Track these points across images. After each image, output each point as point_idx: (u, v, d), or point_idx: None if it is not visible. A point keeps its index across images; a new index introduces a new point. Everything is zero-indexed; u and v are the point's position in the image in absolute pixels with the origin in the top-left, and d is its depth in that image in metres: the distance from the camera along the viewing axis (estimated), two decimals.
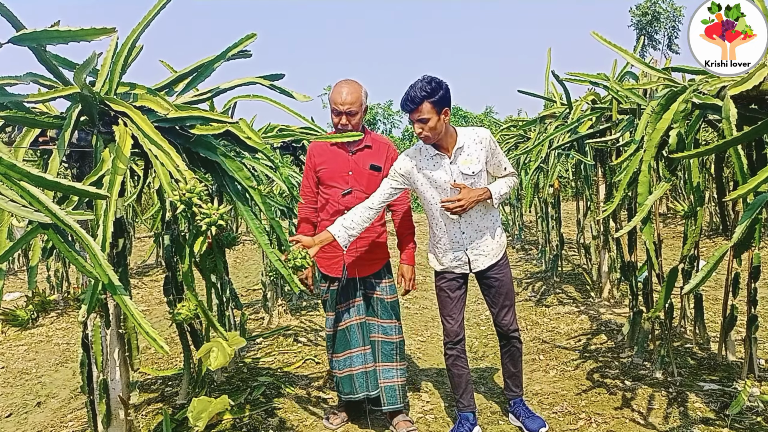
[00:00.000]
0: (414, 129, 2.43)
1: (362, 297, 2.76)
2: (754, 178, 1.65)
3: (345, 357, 2.76)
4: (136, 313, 1.51)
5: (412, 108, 2.35)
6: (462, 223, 2.53)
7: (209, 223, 1.76)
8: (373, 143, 2.71)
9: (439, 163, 2.50)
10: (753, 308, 2.61)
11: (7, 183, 1.23)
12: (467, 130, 2.53)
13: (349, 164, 2.67)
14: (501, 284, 2.62)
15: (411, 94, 2.34)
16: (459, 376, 2.68)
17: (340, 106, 2.54)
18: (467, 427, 2.67)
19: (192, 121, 1.89)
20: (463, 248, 2.56)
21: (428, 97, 2.31)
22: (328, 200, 2.70)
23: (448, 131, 2.47)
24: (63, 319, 5.37)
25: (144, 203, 9.88)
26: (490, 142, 2.52)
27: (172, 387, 3.46)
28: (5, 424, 3.25)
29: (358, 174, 2.66)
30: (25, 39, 1.46)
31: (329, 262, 2.75)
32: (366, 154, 2.68)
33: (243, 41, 2.05)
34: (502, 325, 2.68)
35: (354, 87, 2.58)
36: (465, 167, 2.48)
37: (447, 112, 2.39)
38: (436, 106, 2.34)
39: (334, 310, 2.78)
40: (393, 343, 2.76)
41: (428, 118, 2.34)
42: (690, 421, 2.59)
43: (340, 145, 2.66)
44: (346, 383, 2.76)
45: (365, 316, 2.76)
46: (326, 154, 2.69)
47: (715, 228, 7.61)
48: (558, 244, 5.91)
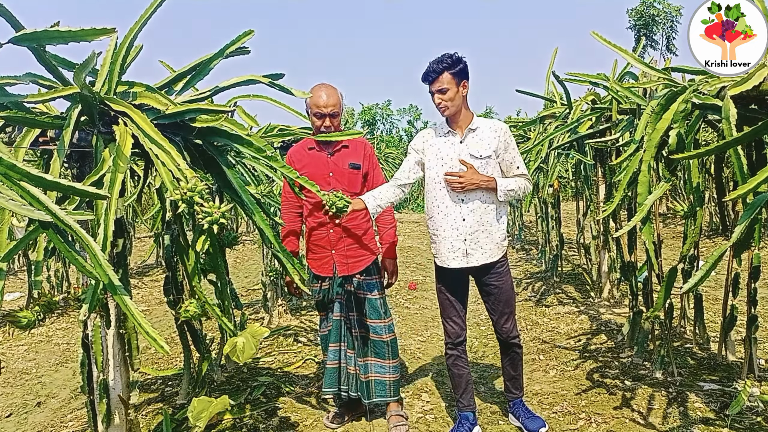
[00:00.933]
0: (434, 100, 2.51)
1: (347, 295, 2.78)
2: (753, 179, 1.65)
3: (333, 349, 2.83)
4: (137, 313, 1.51)
5: (433, 78, 2.44)
6: (464, 209, 2.50)
7: (211, 221, 1.76)
8: (350, 142, 2.76)
9: (450, 140, 2.55)
10: (753, 308, 2.61)
11: (7, 183, 1.23)
12: (486, 119, 2.60)
13: (329, 166, 2.72)
14: (500, 292, 2.60)
15: (432, 66, 2.44)
16: (459, 376, 2.68)
17: (323, 109, 2.62)
18: (467, 427, 2.67)
19: (191, 114, 1.89)
20: (462, 237, 2.52)
21: (449, 68, 2.41)
22: (312, 203, 2.74)
23: (465, 110, 2.53)
24: (63, 319, 5.37)
25: (144, 203, 9.88)
26: (506, 134, 2.55)
27: (172, 387, 3.46)
28: (5, 424, 3.25)
29: (338, 174, 2.71)
30: (25, 39, 1.46)
31: (319, 262, 2.79)
32: (344, 153, 2.74)
33: (241, 38, 2.05)
34: (501, 332, 2.67)
35: (332, 89, 2.67)
36: (474, 149, 2.51)
37: (465, 85, 2.48)
38: (455, 77, 2.43)
39: (325, 309, 2.84)
40: (384, 342, 2.78)
41: (447, 89, 2.43)
42: (690, 421, 2.59)
43: (319, 149, 2.75)
44: (327, 377, 2.84)
45: (354, 313, 2.78)
46: (305, 159, 2.76)
47: (714, 228, 7.62)
48: (558, 244, 5.92)
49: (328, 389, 2.85)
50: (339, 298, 2.79)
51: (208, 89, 2.13)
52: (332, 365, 2.84)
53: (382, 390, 2.79)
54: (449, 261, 2.57)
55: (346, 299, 2.79)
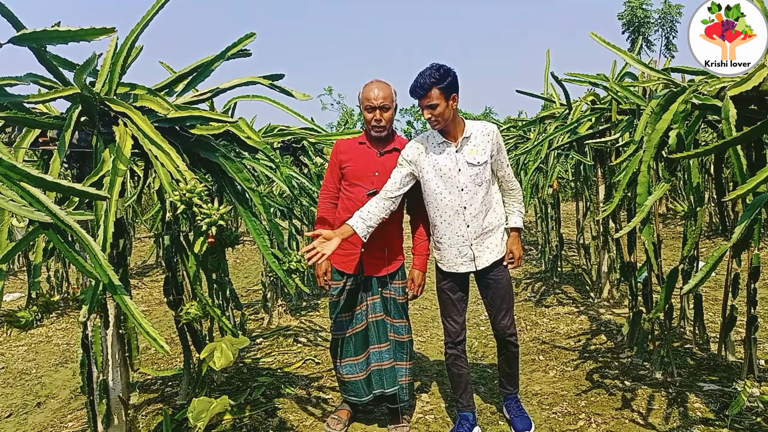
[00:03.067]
0: (423, 115, 2.49)
1: (378, 295, 2.72)
2: (753, 179, 1.65)
3: (359, 361, 2.74)
4: (137, 313, 1.51)
5: (421, 94, 2.40)
6: (467, 215, 2.51)
7: (209, 223, 1.76)
8: (401, 147, 2.69)
9: (445, 150, 2.52)
10: (753, 309, 2.60)
11: (7, 183, 1.23)
12: (476, 123, 2.57)
13: (377, 165, 2.66)
14: (498, 286, 2.61)
15: (420, 81, 2.39)
16: (459, 375, 2.68)
17: (373, 101, 2.57)
18: (467, 427, 2.67)
19: (192, 121, 1.89)
20: (468, 243, 2.54)
21: (437, 83, 2.36)
22: (351, 198, 2.68)
23: (456, 119, 2.50)
24: (63, 319, 5.37)
25: (144, 204, 9.87)
26: (497, 136, 2.55)
27: (172, 387, 3.46)
28: (5, 424, 3.25)
29: (384, 175, 2.63)
30: (26, 39, 1.46)
31: (345, 258, 2.71)
32: (394, 156, 2.66)
33: (242, 41, 2.05)
34: (498, 328, 2.67)
35: (384, 84, 2.63)
36: (471, 157, 2.49)
37: (455, 98, 2.44)
38: (444, 92, 2.38)
39: (345, 311, 2.74)
40: (404, 342, 2.75)
41: (437, 104, 2.39)
42: (690, 421, 2.59)
43: (369, 145, 2.69)
44: (355, 387, 2.74)
45: (382, 314, 2.72)
46: (353, 152, 2.70)
47: (714, 228, 7.61)
48: (557, 245, 5.92)
49: (360, 399, 2.74)
50: (375, 298, 2.71)
51: (208, 89, 2.13)
52: (353, 378, 2.73)
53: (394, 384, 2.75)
54: (457, 267, 2.59)
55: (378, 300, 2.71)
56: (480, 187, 2.50)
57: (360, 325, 2.73)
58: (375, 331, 2.72)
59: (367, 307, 2.73)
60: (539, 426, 2.75)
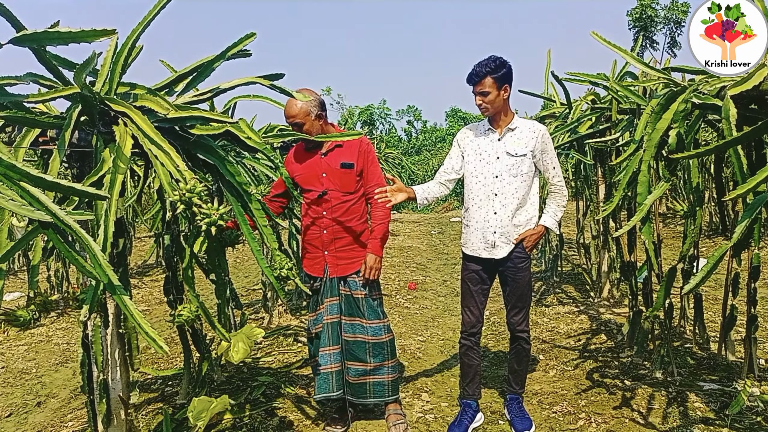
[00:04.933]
0: (475, 101, 2.60)
1: (339, 297, 2.76)
2: (753, 178, 1.65)
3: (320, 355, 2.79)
4: (136, 313, 1.51)
5: (476, 81, 2.53)
6: (496, 203, 2.60)
7: (209, 223, 1.76)
8: (344, 141, 2.74)
9: (489, 136, 2.65)
10: (753, 308, 2.61)
11: (7, 183, 1.23)
12: (527, 120, 2.68)
13: (322, 166, 2.72)
14: (517, 284, 2.68)
15: (476, 69, 2.52)
16: (469, 366, 2.77)
17: (289, 121, 2.66)
18: (470, 414, 2.73)
19: (192, 122, 1.89)
20: (492, 229, 2.62)
21: (491, 72, 2.49)
22: (307, 202, 2.76)
23: (505, 110, 2.61)
24: (63, 319, 5.37)
25: (144, 203, 9.87)
26: (545, 137, 2.61)
27: (172, 387, 3.46)
28: (5, 424, 3.25)
29: (331, 174, 2.70)
30: (26, 40, 1.46)
31: (312, 262, 2.80)
32: (336, 153, 2.72)
33: (243, 41, 2.05)
34: (511, 323, 2.75)
35: (291, 102, 2.60)
36: (511, 147, 2.59)
37: (506, 89, 2.56)
38: (497, 82, 2.51)
39: (314, 311, 2.81)
40: (383, 342, 2.76)
41: (489, 92, 2.51)
42: (690, 421, 2.60)
43: (312, 150, 2.75)
44: (320, 381, 2.79)
45: (338, 315, 2.76)
46: (301, 159, 2.77)
47: (714, 228, 7.61)
48: (558, 244, 5.92)
49: (322, 394, 2.78)
50: (333, 300, 2.76)
51: (208, 89, 2.13)
52: (326, 369, 2.79)
53: (380, 390, 2.78)
54: (479, 251, 2.67)
55: (341, 302, 2.76)
56: (515, 179, 2.57)
57: (320, 326, 2.79)
58: (328, 333, 2.77)
59: (325, 309, 2.77)
60: (539, 425, 2.75)
